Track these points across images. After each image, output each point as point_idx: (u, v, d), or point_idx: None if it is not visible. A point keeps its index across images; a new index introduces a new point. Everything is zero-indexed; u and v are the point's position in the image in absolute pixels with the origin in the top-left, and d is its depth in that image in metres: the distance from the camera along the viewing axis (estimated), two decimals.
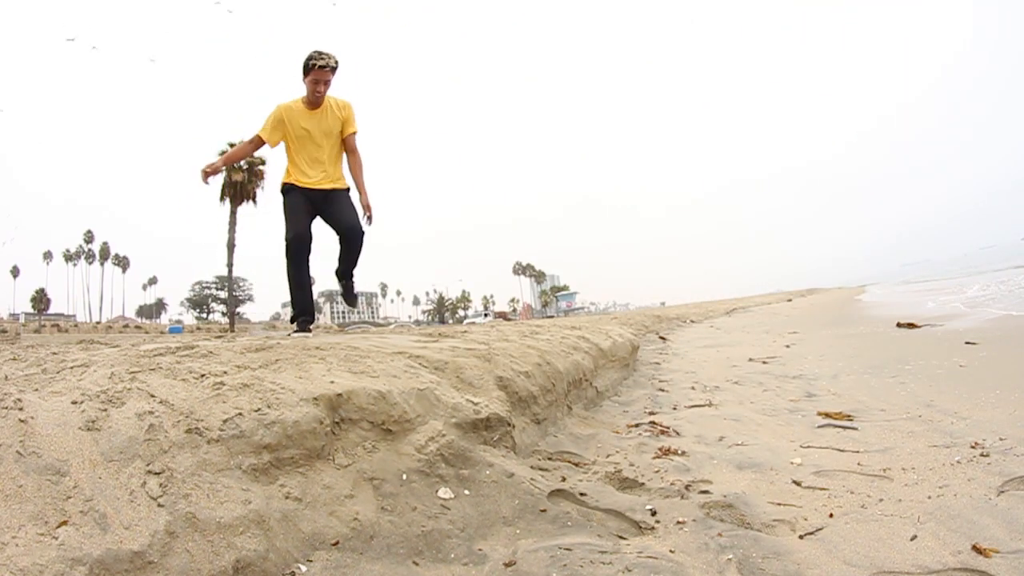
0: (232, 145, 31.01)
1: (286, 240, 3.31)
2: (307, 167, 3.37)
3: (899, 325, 7.16)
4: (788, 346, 6.58)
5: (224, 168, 3.45)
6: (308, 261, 3.43)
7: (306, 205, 3.38)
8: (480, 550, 1.46)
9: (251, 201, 31.63)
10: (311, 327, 3.57)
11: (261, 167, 31.74)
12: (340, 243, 3.53)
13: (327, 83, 3.21)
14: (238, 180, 30.79)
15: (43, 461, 1.15)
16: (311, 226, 3.41)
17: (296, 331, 3.48)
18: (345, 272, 3.72)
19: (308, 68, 3.15)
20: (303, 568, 1.26)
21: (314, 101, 3.25)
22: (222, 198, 31.29)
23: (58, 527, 1.04)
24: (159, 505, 1.17)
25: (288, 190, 3.41)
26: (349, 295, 3.80)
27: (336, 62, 3.17)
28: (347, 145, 3.46)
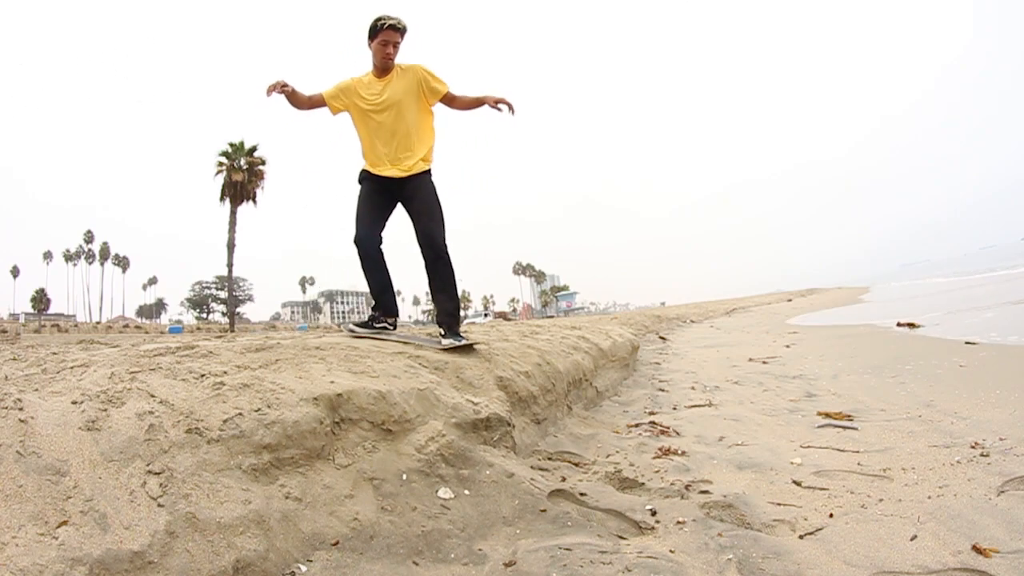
0: (226, 153, 31.12)
1: (353, 241, 2.93)
2: (379, 145, 2.93)
3: (899, 325, 7.16)
4: (788, 346, 6.58)
5: (284, 91, 2.87)
6: (381, 264, 2.98)
7: (377, 198, 2.96)
8: (480, 550, 1.46)
9: (251, 201, 31.61)
10: (386, 323, 3.06)
11: (261, 167, 31.74)
12: (423, 255, 2.90)
13: (396, 46, 2.84)
14: (238, 180, 30.79)
15: (43, 461, 1.14)
16: (381, 224, 2.96)
17: (361, 325, 3.07)
18: (439, 302, 2.91)
19: (376, 30, 2.82)
20: (303, 568, 1.26)
21: (383, 67, 2.86)
22: (222, 198, 31.29)
23: (58, 527, 1.04)
24: (159, 505, 1.17)
25: (362, 179, 3.02)
26: (446, 336, 2.79)
27: (406, 25, 2.84)
28: (448, 101, 2.96)
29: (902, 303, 14.16)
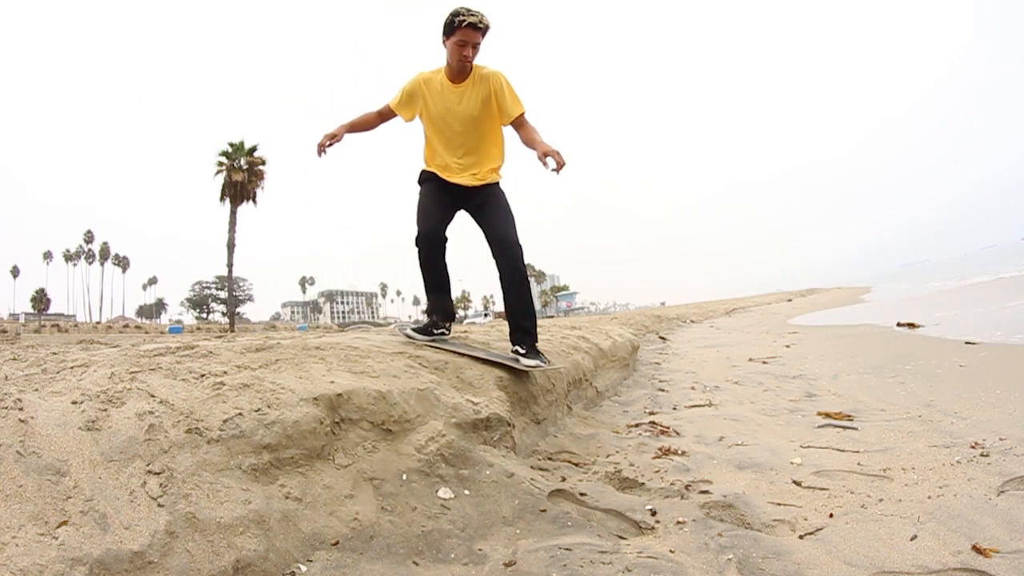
0: (226, 153, 31.11)
1: (415, 241, 2.68)
2: (447, 153, 2.70)
3: (899, 325, 7.16)
4: (788, 346, 6.58)
5: (335, 141, 2.66)
6: (442, 263, 2.73)
7: (444, 198, 2.72)
8: (480, 550, 1.46)
9: (251, 201, 31.63)
10: (444, 328, 2.80)
11: (261, 167, 31.76)
12: (497, 265, 2.67)
13: (476, 47, 2.50)
14: (238, 180, 30.80)
15: (43, 461, 1.14)
16: (447, 222, 2.71)
17: (419, 330, 2.77)
18: (512, 315, 2.66)
19: (453, 26, 2.46)
20: (303, 568, 1.26)
21: (460, 70, 2.56)
22: (222, 198, 31.30)
23: (58, 527, 1.04)
24: (159, 505, 1.17)
25: (424, 179, 2.77)
26: (527, 356, 2.56)
27: (488, 24, 2.47)
28: (518, 127, 2.63)
29: (902, 303, 14.16)
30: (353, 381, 1.84)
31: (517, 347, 2.59)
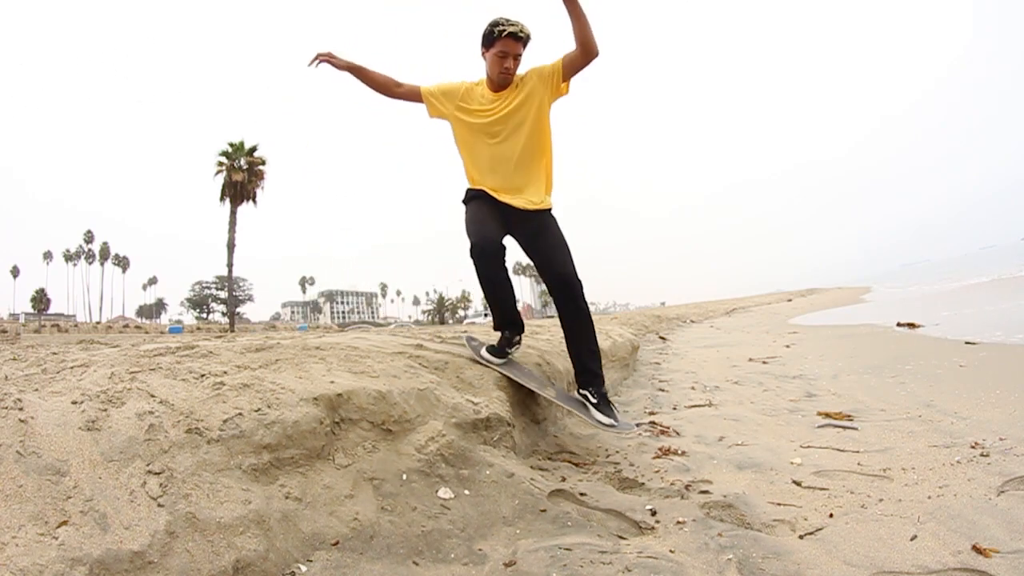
0: (226, 153, 31.15)
1: (470, 252, 2.39)
2: (494, 172, 2.48)
3: (899, 325, 7.17)
4: (788, 346, 6.58)
5: (330, 61, 2.47)
6: (504, 273, 2.43)
7: (496, 214, 2.46)
8: (480, 550, 1.46)
9: (251, 201, 31.65)
10: (516, 344, 2.56)
11: (261, 167, 31.77)
12: (555, 301, 2.44)
13: (517, 58, 2.33)
14: (238, 180, 30.81)
15: (43, 461, 1.14)
16: (503, 233, 2.43)
17: (492, 352, 2.51)
18: (577, 356, 2.44)
19: (492, 37, 2.30)
20: (303, 568, 1.26)
21: (501, 83, 2.39)
22: (222, 198, 31.32)
23: (58, 527, 1.04)
24: (159, 505, 1.17)
25: (471, 198, 2.53)
26: (600, 408, 2.34)
27: (529, 33, 2.31)
28: (568, 62, 2.34)
29: (902, 303, 14.16)
30: (353, 381, 1.84)
31: (586, 392, 2.38)
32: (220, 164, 31.27)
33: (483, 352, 2.49)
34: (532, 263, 2.50)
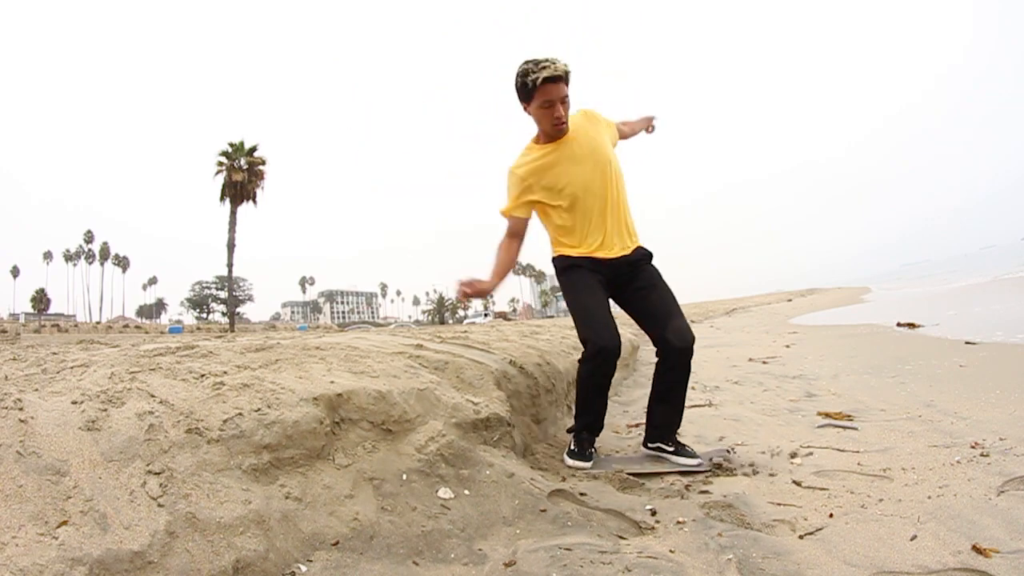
0: (226, 153, 30.99)
1: (588, 356, 2.15)
2: (586, 226, 2.20)
3: (899, 325, 7.17)
4: (788, 346, 6.58)
5: (493, 288, 2.18)
6: (613, 376, 2.23)
7: (603, 291, 2.22)
8: (480, 550, 1.46)
9: (251, 201, 31.65)
10: (593, 449, 2.25)
11: (261, 167, 31.78)
12: (664, 364, 2.20)
13: (565, 100, 2.05)
14: (238, 180, 30.81)
15: (43, 461, 1.14)
16: (616, 323, 2.17)
17: (571, 456, 2.21)
18: (664, 414, 2.22)
19: (528, 89, 2.03)
20: (303, 568, 1.26)
21: (554, 135, 2.13)
22: (222, 198, 31.32)
23: (58, 527, 1.04)
24: (159, 505, 1.17)
25: (570, 265, 2.25)
26: (679, 453, 2.15)
27: (565, 67, 2.02)
28: (621, 134, 2.40)
29: (902, 303, 14.16)
30: (353, 381, 1.84)
31: (660, 444, 2.19)
32: (220, 164, 31.26)
33: (567, 460, 2.20)
34: (634, 316, 2.30)
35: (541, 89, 2.00)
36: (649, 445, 2.23)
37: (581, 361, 2.19)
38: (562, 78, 2.01)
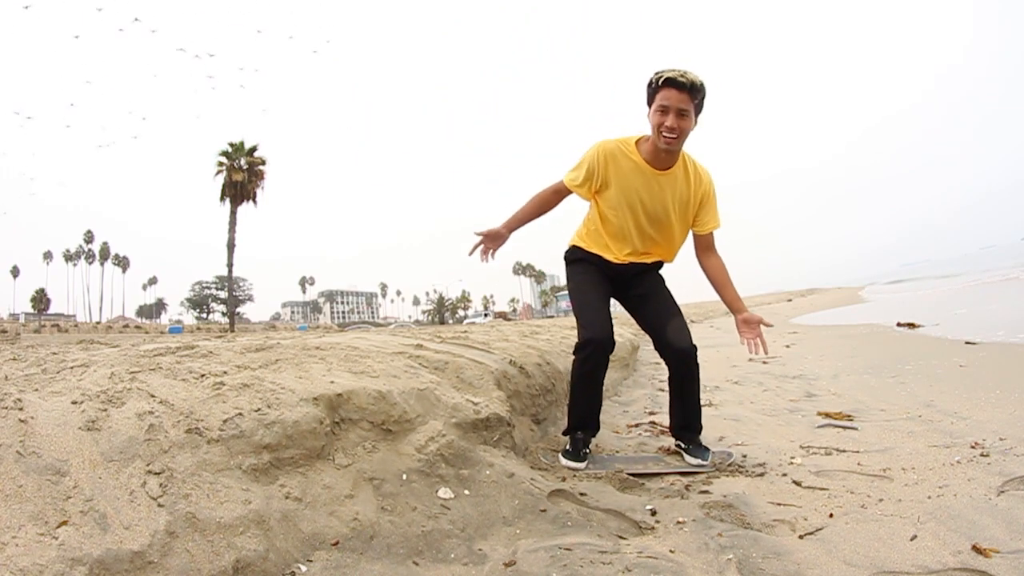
0: (226, 153, 31.12)
1: (579, 346, 2.17)
2: (622, 243, 2.21)
3: (899, 325, 7.17)
4: (788, 346, 6.58)
5: (507, 237, 2.25)
6: (605, 371, 2.30)
7: (606, 287, 2.28)
8: (480, 550, 1.46)
9: (251, 201, 31.66)
10: (588, 449, 2.21)
11: (261, 167, 31.78)
12: (668, 367, 2.28)
13: (681, 114, 1.93)
14: (238, 180, 30.82)
15: (43, 461, 1.15)
16: (612, 318, 2.19)
17: (565, 456, 2.16)
18: (683, 416, 2.27)
19: (652, 88, 1.96)
20: (303, 568, 1.26)
21: (659, 144, 1.99)
22: (222, 198, 31.33)
23: (58, 527, 1.04)
24: (159, 505, 1.17)
25: (578, 258, 2.30)
26: (692, 453, 2.17)
27: (696, 79, 1.92)
28: (703, 243, 2.24)
29: (902, 303, 14.16)
30: (353, 381, 1.84)
31: (679, 441, 2.25)
32: (220, 164, 31.27)
33: (561, 459, 2.17)
34: (638, 319, 2.37)
35: (662, 90, 1.93)
36: (674, 444, 2.32)
37: (574, 352, 2.23)
38: (686, 87, 1.91)
